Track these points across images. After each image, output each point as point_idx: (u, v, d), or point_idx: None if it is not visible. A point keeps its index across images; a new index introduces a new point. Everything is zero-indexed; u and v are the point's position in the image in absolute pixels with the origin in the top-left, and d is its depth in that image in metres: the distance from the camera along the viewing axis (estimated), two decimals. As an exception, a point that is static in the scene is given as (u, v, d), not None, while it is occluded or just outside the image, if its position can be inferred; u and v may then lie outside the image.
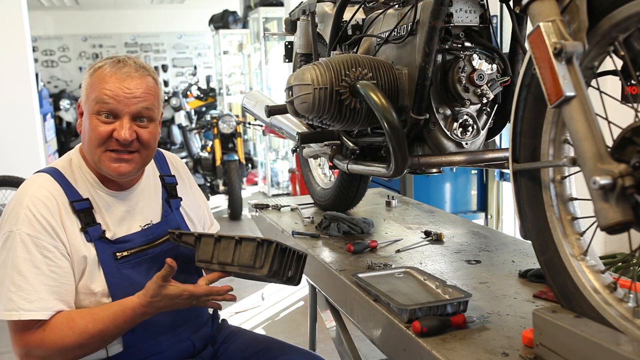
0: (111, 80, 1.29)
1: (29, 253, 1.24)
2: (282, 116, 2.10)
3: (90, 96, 1.31)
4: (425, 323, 1.12)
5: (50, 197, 1.29)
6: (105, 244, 1.33)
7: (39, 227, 1.26)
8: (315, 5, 1.91)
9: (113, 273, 1.32)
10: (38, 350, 1.25)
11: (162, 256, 1.36)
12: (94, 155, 1.33)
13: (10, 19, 5.03)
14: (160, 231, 1.44)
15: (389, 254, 1.69)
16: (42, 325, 1.25)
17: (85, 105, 1.33)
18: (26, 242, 1.24)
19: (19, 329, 1.25)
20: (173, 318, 1.39)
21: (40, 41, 11.30)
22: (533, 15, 0.95)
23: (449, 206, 3.82)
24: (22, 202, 1.28)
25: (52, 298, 1.25)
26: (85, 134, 1.33)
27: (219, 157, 6.28)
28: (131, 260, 1.36)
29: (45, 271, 1.25)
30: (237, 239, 1.29)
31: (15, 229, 1.25)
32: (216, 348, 1.56)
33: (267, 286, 4.03)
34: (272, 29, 7.36)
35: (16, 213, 1.27)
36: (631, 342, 0.87)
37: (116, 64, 1.31)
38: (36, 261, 1.24)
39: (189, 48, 12.13)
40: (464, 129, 1.47)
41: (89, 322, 1.26)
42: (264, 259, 1.24)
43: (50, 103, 7.07)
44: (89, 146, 1.33)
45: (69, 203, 1.31)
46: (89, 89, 1.32)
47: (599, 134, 0.88)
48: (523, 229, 1.14)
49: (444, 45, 1.41)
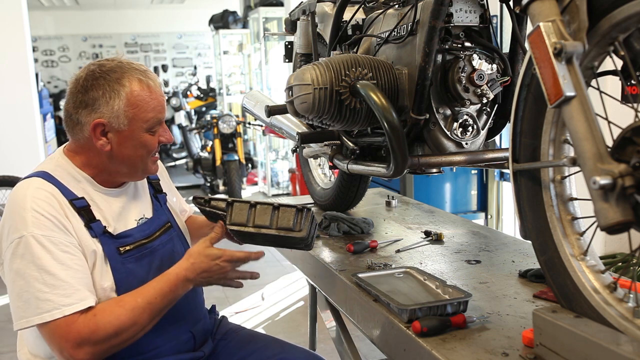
0: (151, 96, 1.36)
1: (49, 252, 1.23)
2: (282, 116, 2.10)
3: (141, 117, 1.34)
4: (425, 323, 1.12)
5: (50, 197, 1.29)
6: (109, 239, 1.34)
7: (50, 225, 1.26)
8: (315, 5, 1.91)
9: (119, 268, 1.34)
10: (94, 337, 1.23)
11: (160, 249, 1.43)
12: (143, 164, 1.40)
13: (10, 19, 5.03)
14: (155, 225, 1.46)
15: (389, 254, 1.69)
16: (90, 312, 1.25)
17: (130, 126, 1.34)
18: (43, 243, 1.23)
19: (63, 326, 1.23)
20: (173, 311, 1.39)
21: (40, 41, 11.30)
22: (533, 15, 0.95)
23: (449, 206, 3.82)
24: (24, 206, 1.26)
25: (85, 289, 1.26)
26: (135, 151, 1.37)
27: (219, 157, 6.29)
28: (134, 255, 1.38)
29: (71, 265, 1.25)
30: (275, 205, 1.40)
31: (26, 232, 1.23)
32: (215, 344, 1.57)
33: (267, 286, 4.04)
34: (272, 29, 7.36)
35: (22, 217, 1.25)
36: (631, 342, 0.87)
37: (143, 77, 1.35)
38: (60, 258, 1.24)
39: (189, 48, 12.13)
40: (464, 129, 1.47)
41: (137, 296, 1.28)
42: (302, 223, 1.38)
43: (50, 103, 7.07)
44: (141, 160, 1.39)
45: (68, 202, 1.32)
46: (134, 110, 1.33)
47: (599, 134, 0.88)
48: (523, 229, 1.14)
49: (444, 45, 1.41)
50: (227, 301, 3.79)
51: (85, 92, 1.33)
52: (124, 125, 1.33)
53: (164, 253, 1.44)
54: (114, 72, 1.33)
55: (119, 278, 1.33)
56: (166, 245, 1.45)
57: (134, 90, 1.33)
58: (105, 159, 1.37)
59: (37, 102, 5.32)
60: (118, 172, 1.40)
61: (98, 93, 1.32)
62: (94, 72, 1.34)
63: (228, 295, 3.90)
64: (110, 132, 1.34)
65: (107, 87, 1.32)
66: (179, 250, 1.48)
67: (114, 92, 1.32)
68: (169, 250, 1.46)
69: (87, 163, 1.38)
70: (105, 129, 1.33)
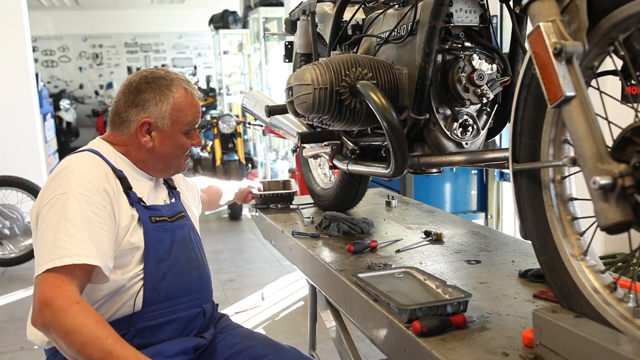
0: (192, 104, 1.56)
1: (81, 209, 1.33)
2: (282, 116, 2.10)
3: (182, 120, 1.54)
4: (425, 323, 1.12)
5: (98, 164, 1.45)
6: (143, 208, 1.49)
7: (91, 187, 1.37)
8: (315, 5, 1.91)
9: (150, 232, 1.47)
10: (57, 313, 1.21)
11: (178, 231, 1.57)
12: (177, 162, 1.60)
13: (10, 19, 5.03)
14: (174, 210, 1.60)
15: (389, 254, 1.69)
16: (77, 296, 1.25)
17: (172, 127, 1.54)
18: (79, 200, 1.34)
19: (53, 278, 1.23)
20: (189, 283, 1.55)
21: (40, 41, 11.30)
22: (533, 15, 0.95)
23: (449, 206, 3.82)
24: (71, 169, 1.39)
25: (102, 252, 1.33)
26: (173, 150, 1.56)
27: (219, 157, 6.28)
28: (162, 225, 1.52)
29: (95, 226, 1.34)
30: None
31: (68, 189, 1.35)
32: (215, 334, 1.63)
33: (267, 286, 4.04)
34: (272, 29, 7.36)
35: (67, 178, 1.37)
36: (631, 342, 0.87)
37: (188, 87, 1.56)
38: (88, 216, 1.34)
39: (189, 48, 12.14)
40: (464, 129, 1.47)
41: (110, 337, 1.22)
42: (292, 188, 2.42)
43: (50, 103, 7.08)
44: (176, 159, 1.59)
45: (111, 169, 1.47)
46: (177, 113, 1.53)
47: (599, 134, 0.88)
48: (523, 229, 1.14)
49: (444, 45, 1.41)
50: (227, 301, 3.79)
51: (137, 93, 1.52)
52: (167, 127, 1.53)
53: (181, 235, 1.57)
54: (164, 79, 1.53)
55: (148, 240, 1.46)
56: (183, 228, 1.59)
57: (180, 96, 1.53)
58: (145, 154, 1.55)
59: (37, 102, 5.33)
60: (154, 166, 1.57)
61: (150, 95, 1.51)
62: (146, 77, 1.53)
63: (228, 296, 3.90)
64: (154, 131, 1.53)
65: (158, 92, 1.52)
66: (191, 237, 1.62)
67: (163, 96, 1.52)
68: (185, 234, 1.59)
69: (125, 153, 1.55)
70: (150, 127, 1.52)
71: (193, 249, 1.60)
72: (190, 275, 1.56)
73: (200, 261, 1.62)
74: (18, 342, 3.09)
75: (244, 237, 5.44)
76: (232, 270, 4.46)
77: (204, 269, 1.63)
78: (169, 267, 1.50)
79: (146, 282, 1.45)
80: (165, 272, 1.49)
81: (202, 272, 1.61)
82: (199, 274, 1.59)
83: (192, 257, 1.58)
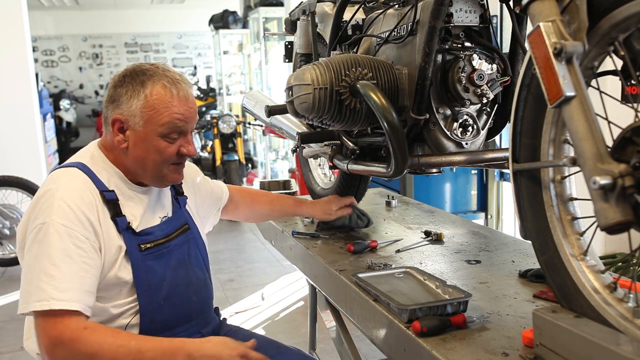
0: (177, 103, 1.38)
1: (62, 243, 1.25)
2: (282, 116, 2.10)
3: (156, 120, 1.37)
4: (425, 323, 1.13)
5: (83, 189, 1.33)
6: (131, 235, 1.38)
7: (74, 217, 1.28)
8: (315, 5, 1.91)
9: (138, 264, 1.37)
10: (71, 346, 1.20)
11: (176, 250, 1.46)
12: (159, 171, 1.42)
13: (10, 19, 5.03)
14: (174, 225, 1.50)
15: (389, 254, 1.69)
16: (82, 322, 1.23)
17: (145, 127, 1.37)
18: (60, 232, 1.26)
19: (50, 321, 1.22)
20: (188, 311, 1.46)
21: (40, 41, 11.30)
22: (533, 15, 0.95)
23: (449, 206, 3.82)
24: (54, 194, 1.30)
25: (83, 290, 1.25)
26: (148, 154, 1.39)
27: (219, 157, 6.28)
28: (154, 252, 1.41)
29: (77, 261, 1.26)
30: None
31: (49, 220, 1.26)
32: None
33: (267, 286, 4.04)
34: (272, 29, 7.36)
35: (49, 205, 1.28)
36: (631, 342, 0.87)
37: (172, 85, 1.38)
38: (70, 251, 1.26)
39: (189, 48, 12.13)
40: (464, 129, 1.47)
41: (133, 339, 1.25)
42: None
43: (50, 103, 7.08)
44: (153, 165, 1.40)
45: (99, 192, 1.36)
46: (150, 112, 1.36)
47: (599, 134, 0.88)
48: (523, 229, 1.14)
49: (444, 45, 1.41)
50: (227, 301, 3.79)
51: (114, 88, 1.40)
52: (139, 126, 1.37)
53: (179, 254, 1.47)
54: (144, 74, 1.38)
55: (137, 274, 1.36)
56: (182, 247, 1.49)
57: (154, 93, 1.36)
58: (125, 158, 1.42)
59: (37, 102, 5.32)
60: (136, 172, 1.43)
61: (123, 90, 1.38)
62: (126, 71, 1.40)
63: (228, 296, 3.90)
64: (128, 130, 1.39)
65: (130, 87, 1.37)
66: (193, 253, 1.51)
67: (135, 91, 1.37)
68: (184, 252, 1.49)
69: (117, 160, 1.43)
70: (123, 126, 1.39)
71: (192, 269, 1.50)
72: (189, 302, 1.47)
73: (201, 282, 1.52)
74: (18, 342, 3.10)
75: (244, 237, 5.44)
76: (232, 270, 4.46)
77: (205, 290, 1.54)
78: (165, 297, 1.41)
79: (142, 315, 1.38)
80: (161, 303, 1.40)
81: (202, 295, 1.51)
82: (199, 298, 1.50)
83: (191, 280, 1.48)
